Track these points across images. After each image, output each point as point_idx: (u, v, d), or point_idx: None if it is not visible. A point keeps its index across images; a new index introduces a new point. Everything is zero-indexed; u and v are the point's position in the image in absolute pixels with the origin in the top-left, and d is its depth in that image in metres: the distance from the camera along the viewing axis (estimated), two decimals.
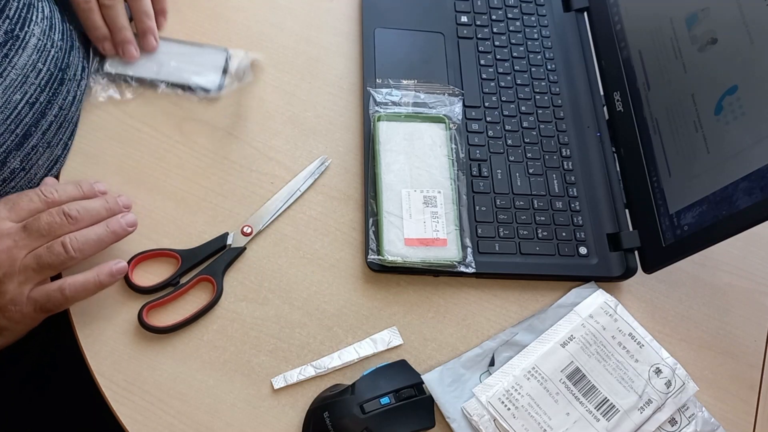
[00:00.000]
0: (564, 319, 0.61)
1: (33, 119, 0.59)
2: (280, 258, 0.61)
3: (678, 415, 0.59)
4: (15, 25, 0.57)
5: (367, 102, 0.68)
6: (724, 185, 0.56)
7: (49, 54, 0.60)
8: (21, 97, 0.57)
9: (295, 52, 0.68)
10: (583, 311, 0.61)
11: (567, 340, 0.60)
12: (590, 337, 0.60)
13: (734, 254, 0.70)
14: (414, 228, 0.61)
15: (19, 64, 0.57)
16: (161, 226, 0.61)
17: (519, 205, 0.66)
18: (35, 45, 0.59)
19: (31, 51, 0.58)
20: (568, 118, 0.72)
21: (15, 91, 0.57)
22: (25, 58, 0.58)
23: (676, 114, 0.63)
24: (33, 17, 0.59)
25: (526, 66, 0.75)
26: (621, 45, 0.72)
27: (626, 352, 0.60)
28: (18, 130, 0.57)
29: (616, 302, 0.62)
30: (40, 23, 0.60)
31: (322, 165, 0.66)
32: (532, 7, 0.79)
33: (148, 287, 0.57)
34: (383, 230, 0.61)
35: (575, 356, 0.59)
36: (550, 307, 0.62)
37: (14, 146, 0.57)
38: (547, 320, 0.61)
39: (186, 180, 0.63)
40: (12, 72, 0.56)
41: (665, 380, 0.59)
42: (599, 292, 0.63)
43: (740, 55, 0.57)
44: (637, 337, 0.61)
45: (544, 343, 0.60)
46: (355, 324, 0.60)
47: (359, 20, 0.75)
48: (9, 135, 0.57)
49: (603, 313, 0.61)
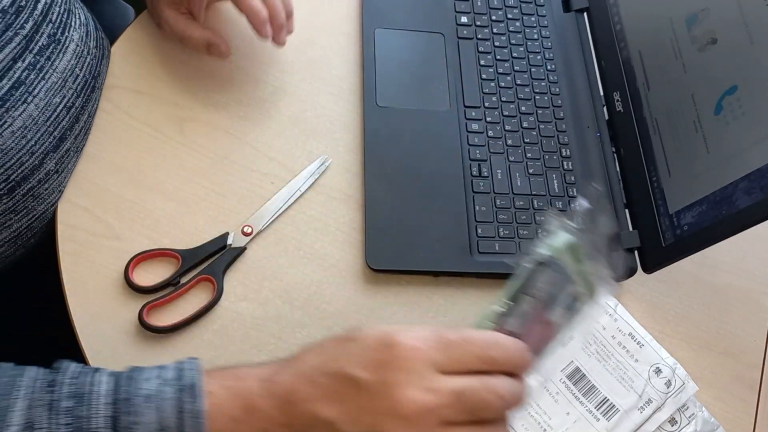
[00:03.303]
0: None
1: (68, 123, 0.60)
2: (281, 258, 0.61)
3: (678, 414, 0.59)
4: (57, 29, 0.58)
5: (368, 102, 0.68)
6: (724, 185, 0.56)
7: (85, 60, 0.61)
8: (60, 100, 0.58)
9: (296, 52, 0.68)
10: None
11: (567, 339, 0.60)
12: (590, 336, 0.60)
13: (734, 254, 0.70)
14: None
15: (59, 68, 0.58)
16: (162, 226, 0.61)
17: (519, 205, 0.66)
18: (74, 50, 0.59)
19: (71, 56, 0.59)
20: (568, 118, 0.72)
21: (55, 94, 0.57)
22: (65, 63, 0.58)
23: (676, 114, 0.63)
24: (72, 23, 0.60)
25: (526, 66, 0.75)
26: (621, 45, 0.72)
27: (626, 352, 0.60)
28: (56, 133, 0.58)
29: (615, 302, 0.62)
30: (78, 29, 0.61)
31: (323, 165, 0.66)
32: (532, 7, 0.79)
33: (148, 287, 0.57)
34: None
35: (575, 356, 0.59)
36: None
37: (51, 148, 0.58)
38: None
39: (186, 180, 0.63)
40: (53, 75, 0.57)
41: (665, 380, 0.59)
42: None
43: (740, 55, 0.57)
44: (637, 337, 0.61)
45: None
46: (355, 324, 0.60)
47: (359, 20, 0.75)
48: (48, 137, 0.57)
49: (603, 312, 0.61)
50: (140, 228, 0.60)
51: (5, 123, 0.53)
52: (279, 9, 0.63)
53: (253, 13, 0.62)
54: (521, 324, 0.45)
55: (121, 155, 0.63)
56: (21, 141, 0.54)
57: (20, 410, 0.41)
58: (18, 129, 0.54)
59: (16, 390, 0.42)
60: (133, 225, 0.60)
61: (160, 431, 0.41)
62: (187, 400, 0.42)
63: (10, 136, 0.53)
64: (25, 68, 0.54)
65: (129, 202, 0.61)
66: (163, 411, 0.42)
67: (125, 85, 0.66)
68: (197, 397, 0.42)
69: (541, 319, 0.45)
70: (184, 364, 0.44)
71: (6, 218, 0.56)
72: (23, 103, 0.54)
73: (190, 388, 0.43)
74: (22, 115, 0.54)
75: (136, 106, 0.66)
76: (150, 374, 0.44)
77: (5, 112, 0.53)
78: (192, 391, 0.42)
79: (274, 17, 0.63)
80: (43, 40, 0.56)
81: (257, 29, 0.63)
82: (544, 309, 0.45)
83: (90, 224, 0.60)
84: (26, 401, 0.41)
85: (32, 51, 0.55)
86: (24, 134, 0.55)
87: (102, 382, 0.43)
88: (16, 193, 0.55)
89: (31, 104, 0.55)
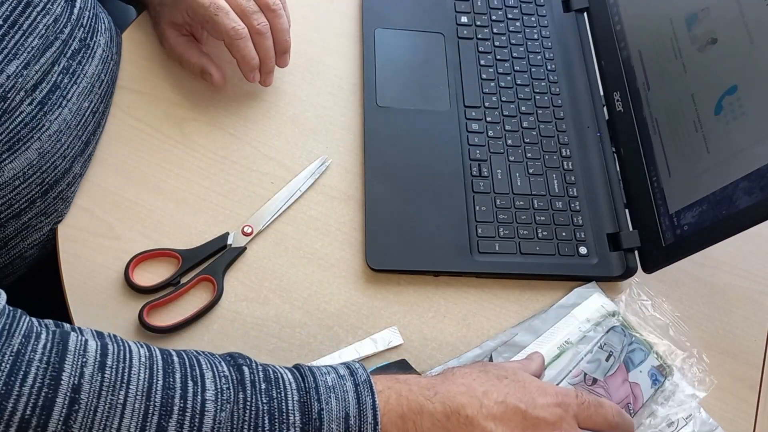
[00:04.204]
0: (562, 321, 0.61)
1: (93, 128, 0.60)
2: (281, 258, 0.61)
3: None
4: (87, 34, 0.58)
5: (368, 102, 0.68)
6: (724, 185, 0.56)
7: (109, 66, 0.62)
8: (88, 105, 0.59)
9: (296, 52, 0.68)
10: (580, 314, 0.61)
11: (564, 343, 0.60)
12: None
13: (734, 254, 0.70)
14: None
15: (89, 73, 0.58)
16: (162, 225, 0.61)
17: (519, 205, 0.66)
18: (101, 55, 0.60)
19: (98, 61, 0.60)
20: (568, 118, 0.72)
21: (85, 98, 0.58)
22: (93, 68, 0.59)
23: (676, 114, 0.63)
24: (99, 27, 0.61)
25: (526, 66, 0.75)
26: (621, 45, 0.72)
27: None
28: (83, 137, 0.59)
29: (612, 305, 0.62)
30: (104, 34, 0.61)
31: (323, 165, 0.66)
32: (532, 7, 0.79)
33: (148, 287, 0.57)
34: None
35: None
36: (551, 308, 0.62)
37: (78, 152, 0.58)
38: (548, 321, 0.61)
39: (186, 180, 0.63)
40: (84, 80, 0.58)
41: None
42: (597, 294, 0.63)
43: (740, 55, 0.57)
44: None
45: (541, 345, 0.60)
46: (355, 323, 0.60)
47: (359, 20, 0.75)
48: (77, 141, 0.58)
49: (600, 316, 0.61)
50: (140, 228, 0.60)
51: (43, 126, 0.53)
52: (270, 56, 0.64)
53: (245, 60, 0.63)
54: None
55: (121, 155, 0.63)
56: (56, 145, 0.55)
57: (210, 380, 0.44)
58: (54, 133, 0.54)
59: (203, 363, 0.45)
60: (134, 225, 0.60)
61: (344, 419, 0.45)
62: (365, 394, 0.46)
63: (47, 139, 0.54)
64: (60, 72, 0.55)
65: (129, 202, 0.61)
66: (346, 402, 0.45)
67: (125, 85, 0.66)
68: (373, 392, 0.46)
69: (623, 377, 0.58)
70: (351, 364, 0.49)
71: (38, 220, 0.57)
72: (59, 107, 0.55)
73: (365, 383, 0.47)
74: (57, 119, 0.54)
75: (136, 106, 0.66)
76: (324, 369, 0.47)
77: (43, 116, 0.53)
78: (368, 386, 0.46)
79: (264, 64, 0.64)
80: (75, 45, 0.56)
81: (245, 75, 0.64)
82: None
83: (90, 224, 0.60)
84: (221, 378, 0.44)
85: (66, 55, 0.55)
86: (59, 138, 0.55)
87: (284, 371, 0.46)
88: (48, 196, 0.56)
89: (65, 108, 0.55)
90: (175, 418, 0.41)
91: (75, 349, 0.41)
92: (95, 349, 0.41)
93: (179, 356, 0.45)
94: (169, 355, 0.44)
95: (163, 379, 0.42)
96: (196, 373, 0.43)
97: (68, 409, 0.39)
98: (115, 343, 0.43)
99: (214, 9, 0.60)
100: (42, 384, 0.38)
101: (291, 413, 0.44)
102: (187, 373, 0.43)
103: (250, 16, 0.61)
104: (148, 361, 0.43)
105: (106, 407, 0.40)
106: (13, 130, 0.51)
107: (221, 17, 0.60)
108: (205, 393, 0.42)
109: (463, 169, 0.67)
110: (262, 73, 0.65)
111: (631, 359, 0.60)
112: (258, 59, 0.63)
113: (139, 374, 0.42)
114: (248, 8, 0.61)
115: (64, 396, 0.39)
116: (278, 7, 0.63)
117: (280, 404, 0.44)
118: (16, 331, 0.40)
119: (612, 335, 0.60)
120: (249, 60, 0.63)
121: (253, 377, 0.45)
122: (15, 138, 0.51)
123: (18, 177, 0.52)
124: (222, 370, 0.44)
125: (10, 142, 0.50)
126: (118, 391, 0.40)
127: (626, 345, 0.60)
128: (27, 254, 0.58)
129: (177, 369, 0.43)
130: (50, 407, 0.38)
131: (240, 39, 0.61)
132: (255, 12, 0.62)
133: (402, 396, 0.47)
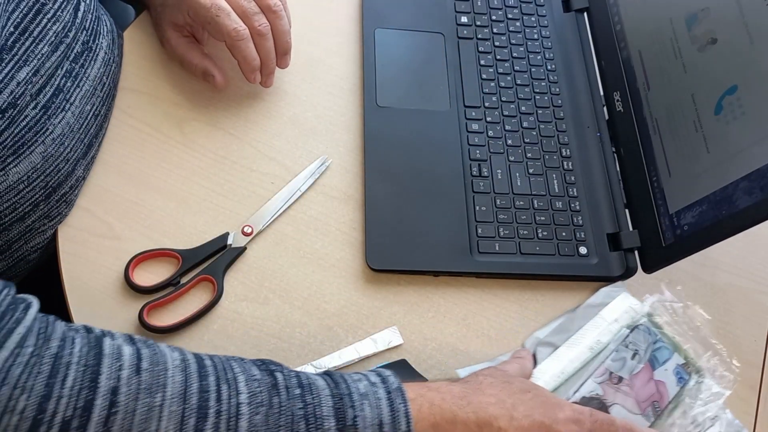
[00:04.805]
0: (591, 322, 0.61)
1: (95, 131, 0.60)
2: (281, 258, 0.61)
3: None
4: (89, 37, 0.58)
5: (368, 102, 0.68)
6: (724, 185, 0.56)
7: (111, 69, 0.62)
8: (90, 108, 0.59)
9: (296, 52, 0.68)
10: (608, 315, 0.62)
11: (594, 344, 0.60)
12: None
13: (734, 254, 0.70)
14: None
15: (91, 76, 0.58)
16: (162, 226, 0.61)
17: (519, 205, 0.66)
18: (103, 58, 0.60)
19: (100, 64, 0.60)
20: (568, 118, 0.72)
21: (87, 102, 0.58)
22: (96, 71, 0.59)
23: (676, 114, 0.63)
24: (101, 30, 0.61)
25: (526, 66, 0.75)
26: (621, 45, 0.72)
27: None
28: (85, 140, 0.59)
29: (641, 306, 0.62)
30: (106, 36, 0.61)
31: (323, 165, 0.66)
32: (532, 7, 0.79)
33: (148, 287, 0.58)
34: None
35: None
36: (579, 307, 0.63)
37: (81, 155, 0.58)
38: (576, 320, 0.62)
39: (187, 180, 0.63)
40: (86, 83, 0.58)
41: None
42: (624, 294, 0.63)
43: (740, 55, 0.57)
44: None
45: (571, 347, 0.60)
46: (355, 323, 0.60)
47: (359, 20, 0.75)
48: (79, 144, 0.58)
49: (629, 318, 0.61)
50: (140, 228, 0.60)
51: (47, 130, 0.53)
52: (271, 57, 0.64)
53: (246, 62, 0.63)
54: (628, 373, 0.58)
55: (121, 155, 0.63)
56: (59, 148, 0.55)
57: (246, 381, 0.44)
58: (58, 136, 0.54)
59: (236, 367, 0.45)
60: (134, 225, 0.60)
61: (378, 426, 0.44)
62: (398, 401, 0.45)
63: (51, 143, 0.54)
64: (63, 75, 0.55)
65: (129, 202, 0.61)
66: (380, 409, 0.45)
67: (125, 85, 0.66)
68: (406, 400, 0.46)
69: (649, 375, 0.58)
70: (382, 371, 0.48)
71: (41, 223, 0.57)
72: (62, 110, 0.55)
73: (397, 390, 0.46)
74: (61, 122, 0.54)
75: (136, 106, 0.66)
76: (355, 376, 0.47)
77: (47, 119, 0.53)
78: (400, 393, 0.46)
79: (265, 65, 0.64)
80: (78, 48, 0.56)
81: (246, 76, 0.65)
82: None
83: (90, 224, 0.60)
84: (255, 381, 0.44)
85: (69, 58, 0.55)
86: (62, 141, 0.55)
87: (315, 377, 0.46)
88: (51, 199, 0.56)
89: (68, 111, 0.55)
90: (211, 420, 0.41)
91: (110, 353, 0.41)
92: (130, 354, 0.42)
93: (211, 359, 0.45)
94: (201, 359, 0.44)
95: (198, 381, 0.42)
96: (229, 376, 0.43)
97: (108, 411, 0.39)
98: (148, 347, 0.43)
99: (216, 10, 0.60)
100: (81, 386, 0.39)
101: (326, 419, 0.43)
102: (220, 376, 0.43)
103: (251, 18, 0.61)
104: (181, 364, 0.43)
105: (144, 409, 0.40)
106: (18, 135, 0.51)
107: (222, 18, 0.60)
108: (239, 396, 0.42)
109: (463, 169, 0.67)
110: (262, 74, 0.65)
111: (656, 357, 0.60)
112: (259, 60, 0.63)
113: (174, 377, 0.42)
114: (249, 9, 0.61)
115: (103, 398, 0.39)
116: (279, 9, 0.63)
117: (315, 410, 0.44)
118: (53, 335, 0.40)
119: (637, 334, 0.60)
120: (250, 61, 0.63)
121: (286, 382, 0.45)
122: (20, 142, 0.51)
123: (22, 180, 0.52)
124: (254, 374, 0.44)
125: (15, 146, 0.51)
126: (155, 393, 0.41)
127: (651, 343, 0.60)
128: (30, 257, 0.58)
129: (210, 372, 0.43)
130: (90, 408, 0.39)
131: (241, 40, 0.61)
132: (256, 13, 0.62)
133: (434, 405, 0.47)
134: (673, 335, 0.62)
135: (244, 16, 0.61)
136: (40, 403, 0.37)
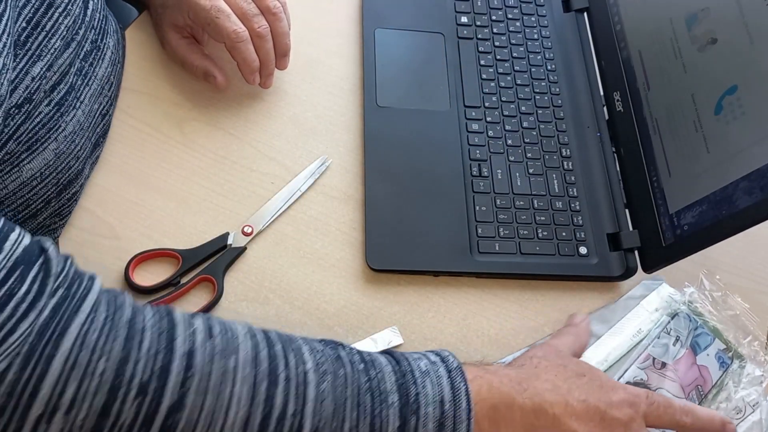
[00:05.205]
0: (632, 312, 0.62)
1: (102, 130, 0.60)
2: (281, 258, 0.61)
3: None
4: (98, 36, 0.58)
5: (368, 102, 0.68)
6: (724, 185, 0.56)
7: (117, 68, 0.62)
8: (98, 107, 0.59)
9: (296, 52, 0.68)
10: (649, 305, 0.62)
11: (636, 332, 0.61)
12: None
13: (734, 254, 0.70)
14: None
15: (99, 75, 0.58)
16: (162, 226, 0.61)
17: (519, 205, 0.66)
18: (110, 57, 0.60)
19: (107, 63, 0.60)
20: (568, 118, 0.72)
21: (95, 100, 0.58)
22: (103, 70, 0.59)
23: (676, 114, 0.63)
24: (108, 29, 0.61)
25: (526, 66, 0.75)
26: (621, 45, 0.72)
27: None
28: (93, 139, 0.59)
29: (680, 295, 0.63)
30: (113, 35, 0.61)
31: (323, 165, 0.66)
32: (532, 7, 0.79)
33: (148, 287, 0.58)
34: None
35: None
36: (620, 299, 0.64)
37: (88, 154, 0.58)
38: (617, 311, 0.62)
39: (187, 180, 0.63)
40: (95, 82, 0.58)
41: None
42: (664, 285, 0.64)
43: (740, 55, 0.57)
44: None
45: (614, 335, 0.61)
46: (355, 323, 0.60)
47: (359, 21, 0.75)
48: (88, 142, 0.58)
49: (668, 306, 0.62)
50: (140, 228, 0.60)
51: (60, 127, 0.53)
52: (270, 58, 0.64)
53: (245, 63, 0.63)
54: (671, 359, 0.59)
55: (121, 155, 0.63)
56: (70, 146, 0.55)
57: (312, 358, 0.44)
58: (69, 134, 0.54)
59: (299, 339, 0.45)
60: (134, 225, 0.60)
61: (440, 403, 0.44)
62: (458, 380, 0.46)
63: (63, 140, 0.54)
64: (74, 73, 0.55)
65: (129, 202, 0.61)
66: (441, 387, 0.45)
67: (125, 85, 0.66)
68: (465, 380, 0.46)
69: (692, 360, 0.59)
70: (441, 351, 0.49)
71: (52, 221, 0.57)
72: (73, 108, 0.55)
73: (458, 370, 0.47)
74: (72, 120, 0.54)
75: (136, 106, 0.66)
76: (415, 355, 0.48)
77: (60, 117, 0.53)
78: (461, 372, 0.47)
79: (264, 66, 0.65)
80: (87, 46, 0.56)
81: (245, 77, 0.65)
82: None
83: (90, 224, 0.60)
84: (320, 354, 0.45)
85: (79, 56, 0.55)
86: (73, 139, 0.55)
87: (377, 355, 0.47)
88: (62, 197, 0.56)
89: (79, 110, 0.55)
90: (282, 386, 0.42)
91: (182, 320, 0.42)
92: (201, 321, 0.43)
93: (275, 331, 0.45)
94: (265, 330, 0.45)
95: (267, 348, 0.43)
96: (295, 346, 0.44)
97: (184, 374, 0.39)
98: (215, 318, 0.44)
99: (216, 12, 0.60)
100: (158, 349, 0.39)
101: (390, 393, 0.44)
102: (285, 346, 0.44)
103: (251, 19, 0.61)
104: (249, 332, 0.44)
105: (219, 372, 0.40)
106: (32, 131, 0.51)
107: (222, 20, 0.60)
108: (305, 364, 0.43)
109: (463, 169, 0.67)
110: (262, 76, 0.65)
111: (697, 343, 0.61)
112: (258, 62, 0.64)
113: (245, 342, 0.42)
114: (249, 11, 0.61)
115: (180, 360, 0.39)
116: (279, 11, 0.63)
117: (380, 384, 0.44)
118: (125, 303, 0.41)
119: (678, 321, 0.61)
120: (250, 63, 0.63)
121: (350, 357, 0.45)
122: (33, 138, 0.51)
123: (36, 177, 0.52)
124: (316, 347, 0.45)
125: (29, 142, 0.51)
126: (229, 357, 0.41)
127: (692, 330, 0.61)
128: None
129: (276, 341, 0.44)
130: (167, 371, 0.39)
131: (241, 42, 0.61)
132: (256, 15, 0.62)
133: (493, 387, 0.48)
134: (714, 322, 0.62)
135: (244, 18, 0.61)
136: (118, 366, 0.38)
